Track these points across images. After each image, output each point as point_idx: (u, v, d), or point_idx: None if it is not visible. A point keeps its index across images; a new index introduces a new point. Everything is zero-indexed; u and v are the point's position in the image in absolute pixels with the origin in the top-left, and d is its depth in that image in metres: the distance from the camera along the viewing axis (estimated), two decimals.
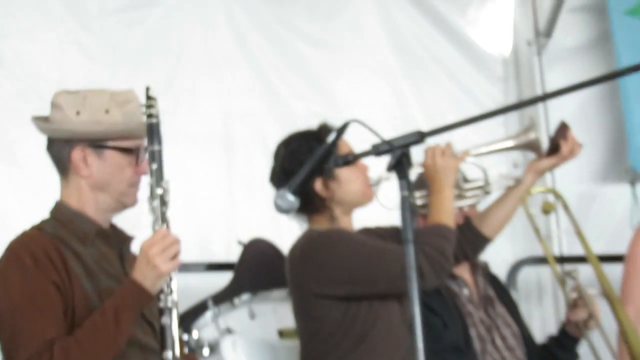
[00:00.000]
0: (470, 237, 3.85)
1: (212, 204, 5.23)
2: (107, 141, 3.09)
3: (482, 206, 4.04)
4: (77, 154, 3.08)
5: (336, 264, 3.45)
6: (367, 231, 3.68)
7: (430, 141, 3.55)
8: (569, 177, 5.79)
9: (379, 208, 3.70)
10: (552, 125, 5.74)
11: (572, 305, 4.01)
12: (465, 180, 3.85)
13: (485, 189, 3.82)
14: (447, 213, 3.53)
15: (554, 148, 3.78)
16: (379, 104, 5.72)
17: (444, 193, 3.57)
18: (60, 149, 3.10)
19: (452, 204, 3.59)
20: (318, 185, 3.57)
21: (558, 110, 5.84)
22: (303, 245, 3.56)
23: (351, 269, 3.44)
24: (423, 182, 3.78)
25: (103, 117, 3.06)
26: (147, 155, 3.03)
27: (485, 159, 3.86)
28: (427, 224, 3.54)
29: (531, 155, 3.97)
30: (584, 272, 4.37)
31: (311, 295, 3.50)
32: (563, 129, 3.81)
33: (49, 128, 3.10)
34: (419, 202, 3.83)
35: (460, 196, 3.81)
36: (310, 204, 3.60)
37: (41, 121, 3.13)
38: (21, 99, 4.67)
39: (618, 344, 4.26)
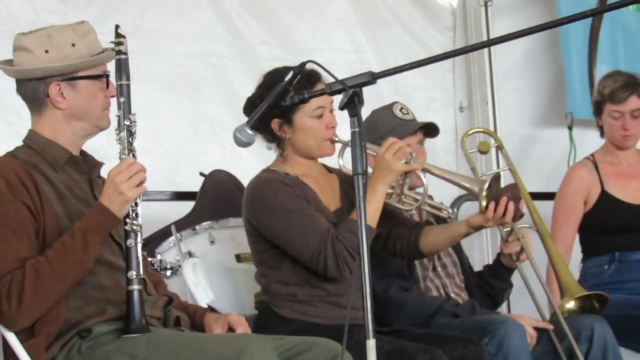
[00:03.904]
0: (411, 245, 3.82)
1: (178, 140, 5.24)
2: (78, 72, 3.09)
3: None
4: (53, 90, 3.07)
5: (264, 220, 3.56)
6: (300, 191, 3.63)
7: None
8: (511, 121, 5.89)
9: None
10: (498, 74, 5.85)
11: (505, 238, 4.07)
12: (410, 188, 3.76)
13: (419, 206, 3.71)
14: (371, 211, 3.44)
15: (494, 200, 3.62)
16: (337, 49, 5.76)
17: (377, 190, 3.49)
18: (35, 88, 3.08)
19: (380, 202, 3.51)
20: (275, 124, 3.60)
21: (503, 60, 5.91)
22: (249, 186, 3.63)
23: (273, 232, 3.55)
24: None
25: (71, 51, 3.07)
26: (115, 87, 3.06)
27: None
28: (352, 215, 3.52)
29: None
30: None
31: (251, 227, 3.63)
32: (509, 190, 3.67)
33: (21, 70, 3.08)
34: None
35: (399, 199, 3.71)
36: (270, 140, 3.67)
37: (6, 65, 3.12)
38: None
39: (547, 272, 4.36)
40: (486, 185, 3.59)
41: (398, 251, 3.84)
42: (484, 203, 3.63)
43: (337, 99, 2.65)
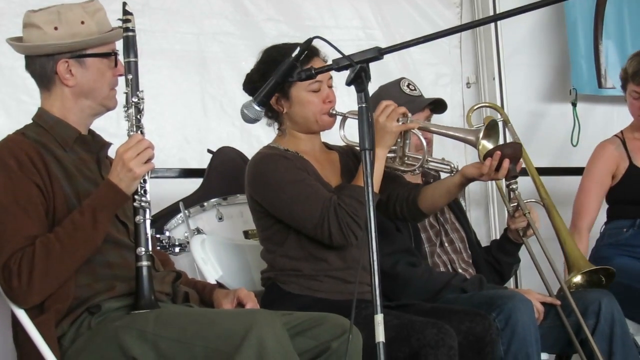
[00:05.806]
0: (410, 204, 3.75)
1: (186, 117, 5.21)
2: (87, 50, 3.07)
3: None
4: (61, 67, 3.06)
5: (266, 195, 3.53)
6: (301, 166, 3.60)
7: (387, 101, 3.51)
8: (518, 96, 5.86)
9: None
10: (505, 49, 5.81)
11: (512, 214, 4.04)
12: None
13: (422, 164, 3.65)
14: (373, 177, 3.40)
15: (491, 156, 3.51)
16: (344, 26, 5.72)
17: (377, 154, 3.44)
18: (44, 64, 3.07)
19: (381, 166, 3.49)
20: (273, 99, 3.56)
21: (510, 35, 5.87)
22: (250, 164, 3.61)
23: (276, 205, 3.52)
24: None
25: (80, 28, 3.05)
26: (123, 64, 3.03)
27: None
28: (353, 182, 3.51)
29: None
30: (529, 183, 4.40)
31: (255, 203, 3.61)
32: (511, 147, 3.58)
33: (30, 46, 3.07)
34: None
35: (402, 161, 3.68)
36: (269, 116, 3.65)
37: (16, 41, 3.10)
38: (4, 17, 4.59)
39: None
40: (481, 134, 3.53)
41: (399, 213, 3.78)
42: (484, 152, 3.54)
43: (342, 75, 2.62)
